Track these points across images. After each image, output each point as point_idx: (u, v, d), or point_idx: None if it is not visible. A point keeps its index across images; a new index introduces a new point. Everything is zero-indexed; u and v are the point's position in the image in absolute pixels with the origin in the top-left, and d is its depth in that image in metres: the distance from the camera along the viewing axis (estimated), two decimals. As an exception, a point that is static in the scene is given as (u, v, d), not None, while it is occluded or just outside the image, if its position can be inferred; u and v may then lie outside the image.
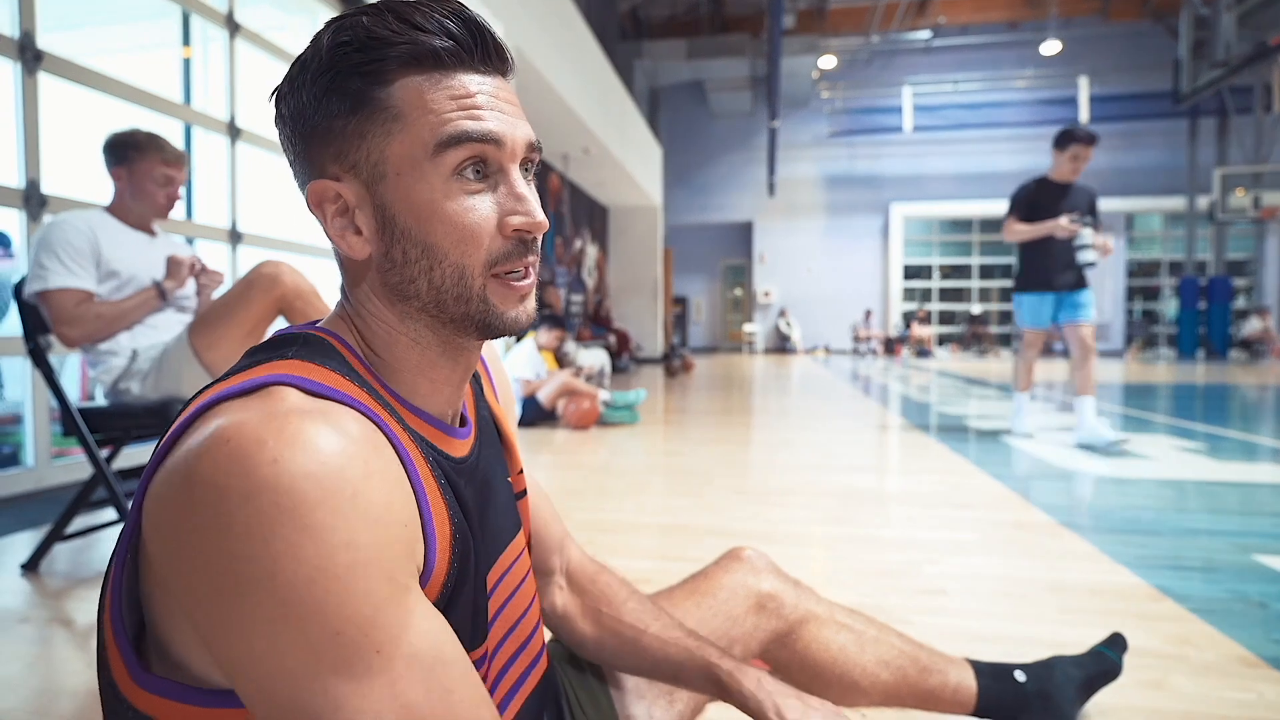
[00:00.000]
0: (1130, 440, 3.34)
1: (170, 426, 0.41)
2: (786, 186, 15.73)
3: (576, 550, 0.75)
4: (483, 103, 0.46)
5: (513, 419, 0.68)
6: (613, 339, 9.17)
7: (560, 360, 5.44)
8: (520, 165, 0.48)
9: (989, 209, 15.49)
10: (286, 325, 1.64)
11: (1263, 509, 2.27)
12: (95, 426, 1.62)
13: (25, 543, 1.92)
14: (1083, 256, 3.34)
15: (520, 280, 0.48)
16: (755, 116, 15.73)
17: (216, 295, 1.89)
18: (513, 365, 4.29)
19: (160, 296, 1.72)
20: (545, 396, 4.15)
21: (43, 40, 2.56)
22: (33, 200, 2.49)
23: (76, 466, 2.70)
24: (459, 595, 0.46)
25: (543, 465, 3.10)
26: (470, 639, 0.50)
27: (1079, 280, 3.43)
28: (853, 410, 5.23)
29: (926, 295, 16.18)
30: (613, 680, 0.76)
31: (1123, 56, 14.21)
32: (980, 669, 0.90)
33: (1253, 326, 12.91)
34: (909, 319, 15.26)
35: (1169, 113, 13.06)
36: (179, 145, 1.82)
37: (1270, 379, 8.11)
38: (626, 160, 9.07)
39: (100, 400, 1.74)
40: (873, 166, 15.90)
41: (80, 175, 2.70)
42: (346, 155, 0.46)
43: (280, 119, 0.47)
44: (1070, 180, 3.43)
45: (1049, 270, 3.44)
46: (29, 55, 2.50)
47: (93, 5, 4.18)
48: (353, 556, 0.36)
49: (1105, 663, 1.00)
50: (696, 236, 16.69)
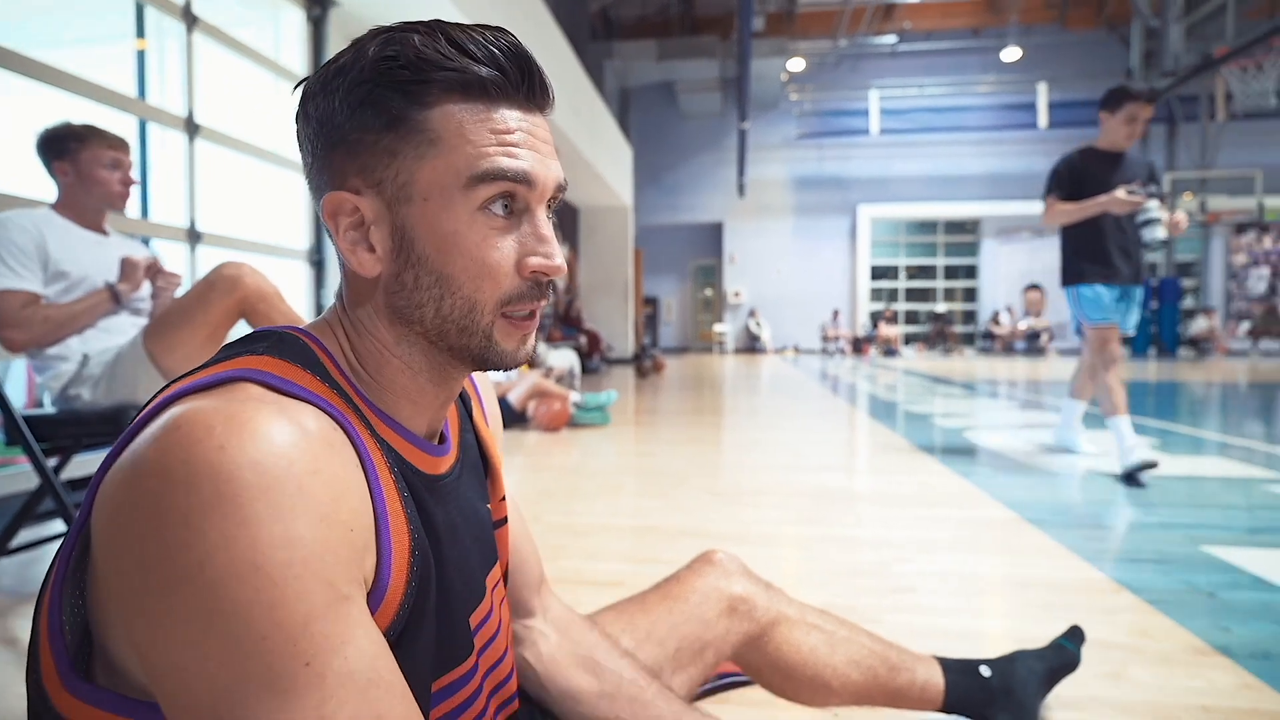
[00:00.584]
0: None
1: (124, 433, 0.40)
2: (756, 187, 15.88)
3: (555, 596, 0.72)
4: (520, 140, 0.45)
5: (500, 445, 0.66)
6: (583, 340, 9.14)
7: (531, 362, 5.40)
8: (545, 205, 0.48)
9: (954, 211, 15.84)
10: (250, 329, 1.60)
11: (1211, 501, 2.36)
12: (42, 435, 1.55)
13: (-31, 556, 1.83)
14: (1150, 234, 2.70)
15: (527, 320, 0.48)
16: (725, 118, 15.84)
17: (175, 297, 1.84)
18: (483, 367, 4.24)
19: (113, 299, 1.65)
20: (516, 398, 4.11)
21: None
22: (-25, 198, 2.39)
23: (20, 476, 2.59)
24: (422, 612, 0.44)
25: (514, 468, 3.07)
26: (449, 656, 0.49)
27: (1137, 273, 2.86)
28: (822, 410, 5.30)
29: (893, 295, 16.47)
30: None
31: (1079, 64, 14.65)
32: (947, 666, 0.92)
33: (1199, 326, 13.45)
34: (876, 319, 15.52)
35: (1123, 119, 13.48)
36: (132, 141, 1.76)
37: (1215, 375, 8.45)
38: (597, 160, 9.05)
39: (48, 407, 1.67)
40: (841, 168, 16.14)
41: (27, 172, 2.59)
42: (373, 171, 0.44)
43: (305, 117, 0.46)
44: (1123, 148, 2.84)
45: (1105, 256, 2.85)
46: (-29, 46, 2.39)
47: (40, -5, 4.02)
48: (290, 554, 0.34)
49: (1065, 655, 1.03)
50: (667, 237, 16.73)
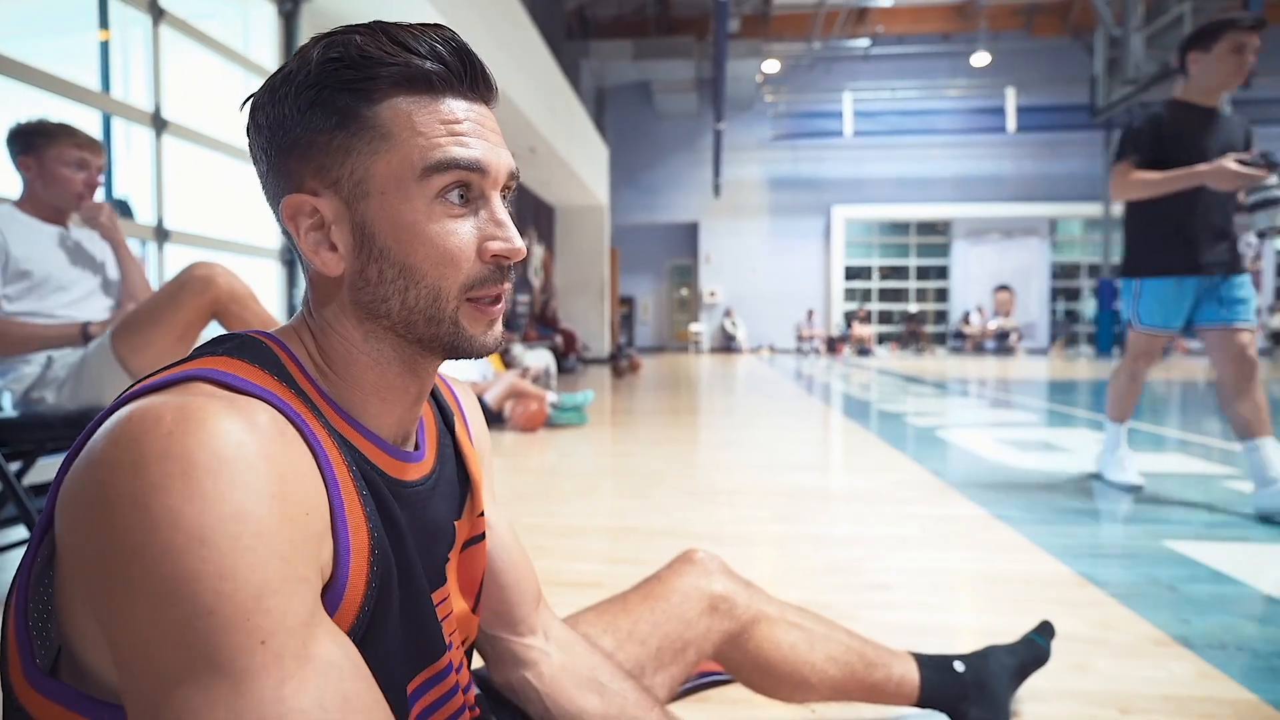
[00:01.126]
0: None
1: None
2: (731, 188, 15.98)
3: (553, 614, 0.70)
4: (470, 130, 0.46)
5: (487, 463, 0.65)
6: (559, 339, 9.11)
7: (507, 362, 5.38)
8: (500, 191, 0.49)
9: (925, 212, 16.11)
10: (222, 331, 1.57)
11: (1171, 497, 2.44)
12: (4, 439, 1.51)
13: (-76, 565, 1.77)
14: (1267, 219, 2.09)
15: (492, 305, 0.48)
16: (701, 118, 15.90)
17: (138, 280, 1.79)
18: (459, 368, 4.21)
19: (83, 340, 1.61)
20: (492, 399, 4.09)
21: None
22: (-71, 193, 2.30)
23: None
24: (386, 611, 0.44)
25: (488, 473, 3.05)
26: (422, 652, 0.49)
27: (1234, 261, 2.26)
28: (798, 409, 5.36)
29: (867, 295, 16.70)
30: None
31: (1046, 70, 15.00)
32: (922, 661, 0.94)
33: (1161, 325, 13.82)
34: (850, 318, 15.72)
35: (1087, 124, 13.86)
36: (96, 134, 1.71)
37: (1175, 375, 8.72)
38: (573, 160, 9.02)
39: (8, 410, 1.62)
40: (815, 169, 16.31)
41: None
42: (328, 171, 0.45)
43: (256, 128, 0.46)
44: (1230, 88, 2.21)
45: (1192, 242, 2.26)
46: (-76, 36, 2.30)
47: (-4, -17, 3.88)
48: (240, 528, 0.33)
49: (1036, 650, 1.06)
50: (643, 236, 16.75)
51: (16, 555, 1.84)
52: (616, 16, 14.05)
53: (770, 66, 14.71)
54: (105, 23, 3.37)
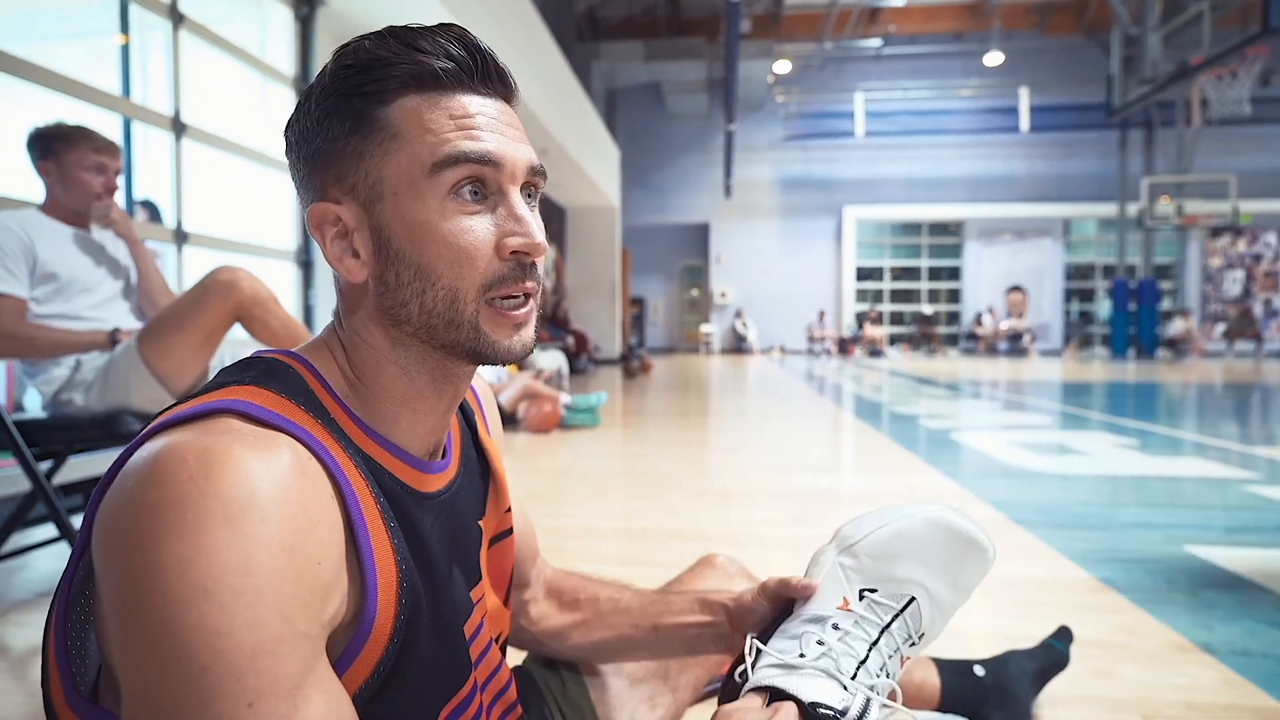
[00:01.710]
0: None
1: (118, 438, 0.40)
2: (742, 188, 15.95)
3: (545, 562, 0.77)
4: (482, 124, 0.45)
5: (502, 448, 0.67)
6: (571, 340, 9.13)
7: (521, 364, 5.40)
8: (522, 189, 0.47)
9: (937, 213, 16.03)
10: (245, 334, 1.59)
11: (1190, 501, 2.42)
12: (34, 439, 1.53)
13: (-47, 562, 1.80)
14: None
15: (517, 308, 0.47)
16: (712, 119, 15.90)
17: (158, 281, 1.82)
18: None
19: (110, 344, 1.63)
20: (506, 400, 4.11)
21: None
22: (-43, 197, 2.35)
23: (4, 480, 2.55)
24: (415, 641, 0.44)
25: (505, 469, 3.07)
26: (451, 680, 0.49)
27: None
28: (809, 410, 5.35)
29: (878, 296, 16.62)
30: (595, 688, 0.77)
31: (1060, 69, 14.89)
32: (943, 666, 0.94)
33: (1177, 327, 13.71)
34: (861, 319, 15.67)
35: (1101, 124, 13.75)
36: (116, 139, 1.74)
37: (1192, 376, 8.63)
38: (584, 161, 9.05)
39: (39, 412, 1.65)
40: (826, 170, 16.26)
41: (12, 169, 2.55)
42: (346, 177, 0.45)
43: (289, 145, 0.47)
44: None
45: None
46: (-48, 43, 2.35)
47: (20, -10, 3.95)
48: (244, 582, 0.33)
49: (1055, 654, 1.06)
50: (654, 237, 16.76)
51: (45, 552, 1.87)
52: (627, 17, 14.08)
53: (781, 67, 14.68)
54: (125, 27, 3.42)
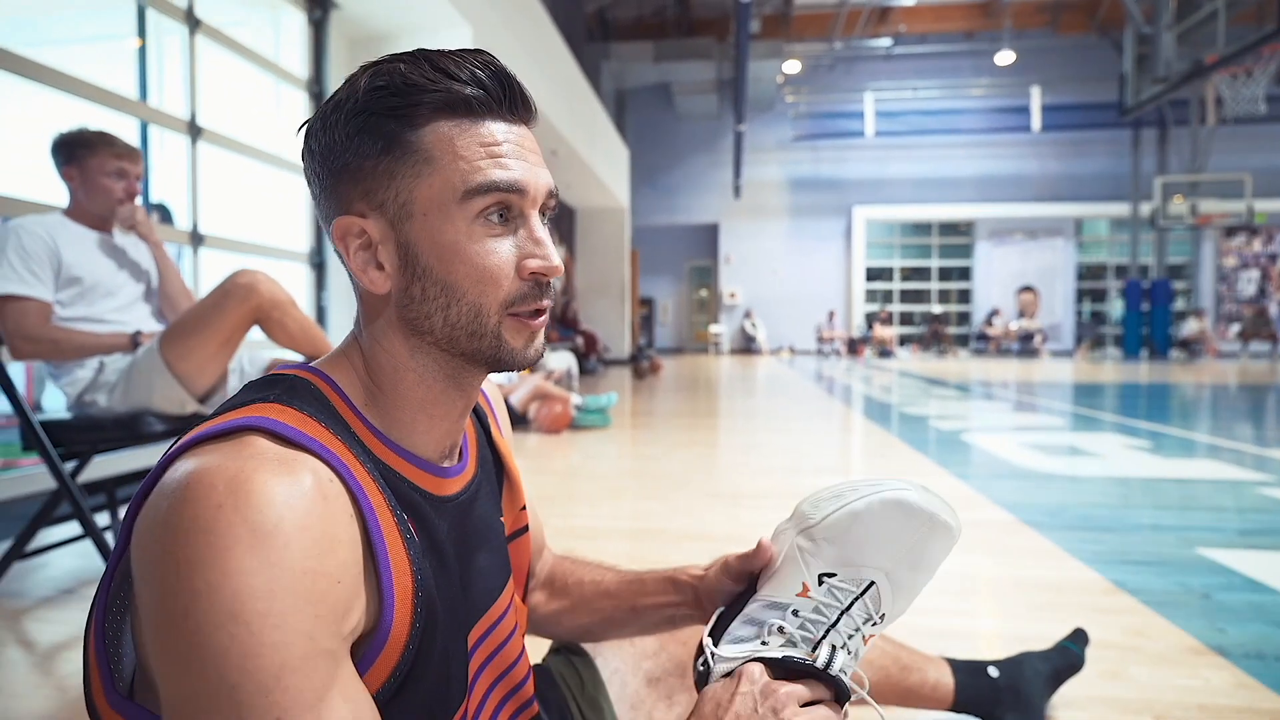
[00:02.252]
0: None
1: (140, 438, 0.42)
2: (752, 189, 15.93)
3: (549, 552, 0.80)
4: (509, 151, 0.48)
5: (512, 445, 0.69)
6: (580, 341, 9.16)
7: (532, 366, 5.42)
8: (539, 211, 0.50)
9: (948, 213, 15.95)
10: (264, 336, 1.61)
11: (1202, 504, 2.40)
12: (59, 440, 1.57)
13: (-21, 559, 1.84)
14: None
15: (533, 318, 0.50)
16: (721, 119, 15.89)
17: (177, 286, 1.85)
18: (483, 369, 4.26)
19: (133, 347, 1.66)
20: (518, 401, 4.13)
21: (-8, 34, 2.45)
22: (-19, 201, 2.39)
23: (24, 480, 2.59)
24: (430, 648, 0.46)
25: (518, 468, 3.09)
26: (449, 694, 0.50)
27: None
28: (819, 411, 5.34)
29: (888, 296, 16.56)
30: (613, 686, 0.79)
31: (1072, 68, 14.78)
32: (957, 666, 0.95)
33: (1190, 327, 13.58)
34: (871, 320, 15.61)
35: (1114, 123, 13.63)
36: (133, 142, 1.77)
37: (1206, 377, 8.55)
38: (594, 162, 9.07)
39: (63, 412, 1.68)
40: (836, 170, 16.21)
41: (32, 173, 2.59)
42: (374, 194, 0.47)
43: (309, 153, 0.49)
44: None
45: None
46: (-23, 50, 2.39)
47: (40, -4, 4.01)
48: (269, 605, 0.36)
49: (1070, 656, 1.06)
50: (663, 238, 16.77)
51: (69, 550, 1.91)
52: (637, 18, 14.09)
53: (791, 67, 14.66)
54: (142, 32, 3.47)
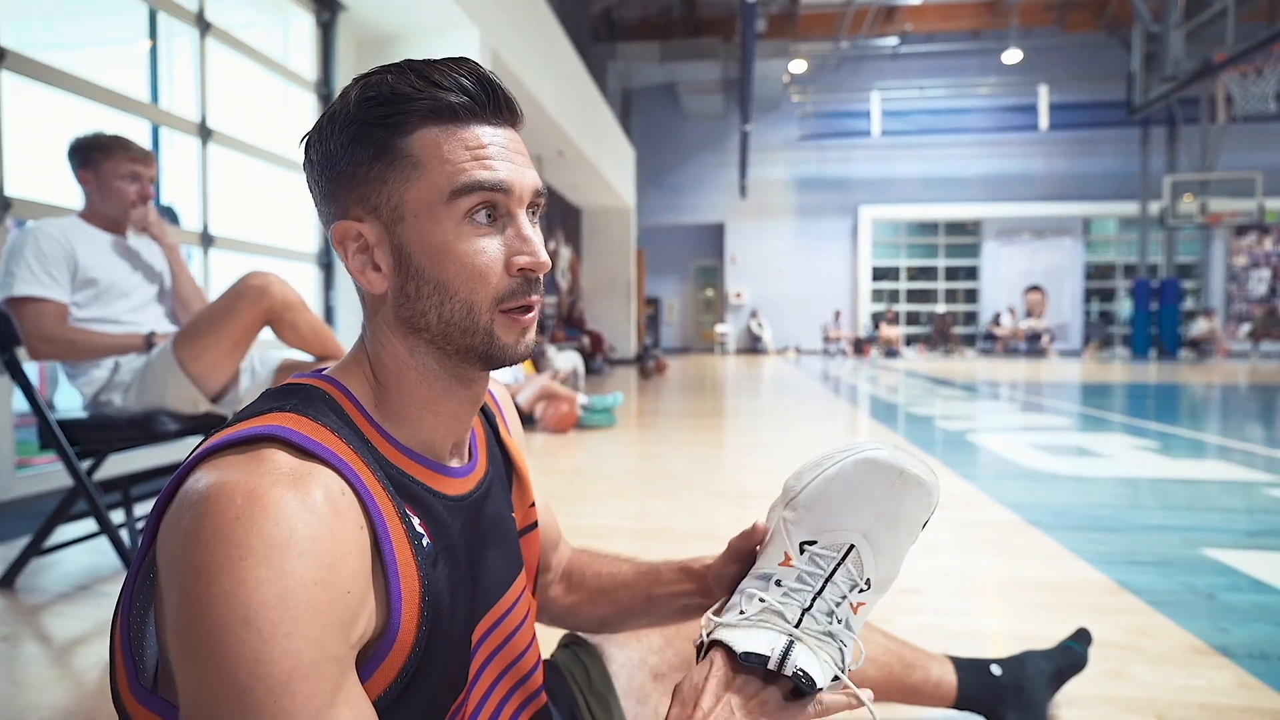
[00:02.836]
0: None
1: (154, 437, 0.43)
2: (758, 188, 15.92)
3: (567, 544, 0.81)
4: (494, 153, 0.50)
5: (523, 446, 0.71)
6: (586, 340, 9.18)
7: (538, 365, 5.45)
8: (526, 209, 0.52)
9: (955, 212, 15.89)
10: (275, 338, 1.64)
11: (1209, 504, 2.40)
12: (75, 439, 1.59)
13: (-3, 556, 1.87)
14: None
15: (524, 314, 0.52)
16: (727, 119, 15.88)
17: (190, 288, 1.88)
18: (495, 371, 4.28)
19: (147, 347, 1.69)
20: (525, 401, 4.16)
21: (3, 36, 2.49)
22: (-3, 203, 2.43)
23: (41, 478, 2.64)
24: (436, 649, 0.48)
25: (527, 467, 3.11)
26: (451, 685, 0.52)
27: None
28: (825, 411, 5.34)
29: (894, 296, 16.51)
30: (620, 680, 0.80)
31: (1080, 66, 14.70)
32: (960, 664, 0.96)
33: (1200, 327, 13.49)
34: (878, 320, 15.57)
35: (1123, 121, 13.56)
36: (146, 145, 1.79)
37: (1216, 378, 8.49)
38: (600, 162, 9.09)
39: (79, 411, 1.71)
40: (842, 169, 16.18)
41: (44, 177, 2.63)
42: (368, 199, 0.50)
43: (309, 163, 0.51)
44: None
45: None
46: (-7, 54, 2.43)
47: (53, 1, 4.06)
48: (281, 614, 0.38)
49: (1073, 656, 1.07)
50: (669, 237, 16.77)
51: (87, 546, 1.94)
52: (643, 18, 14.10)
53: (797, 66, 14.63)
54: (154, 35, 3.51)
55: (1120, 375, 9.02)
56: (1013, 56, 14.26)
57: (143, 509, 2.03)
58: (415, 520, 0.49)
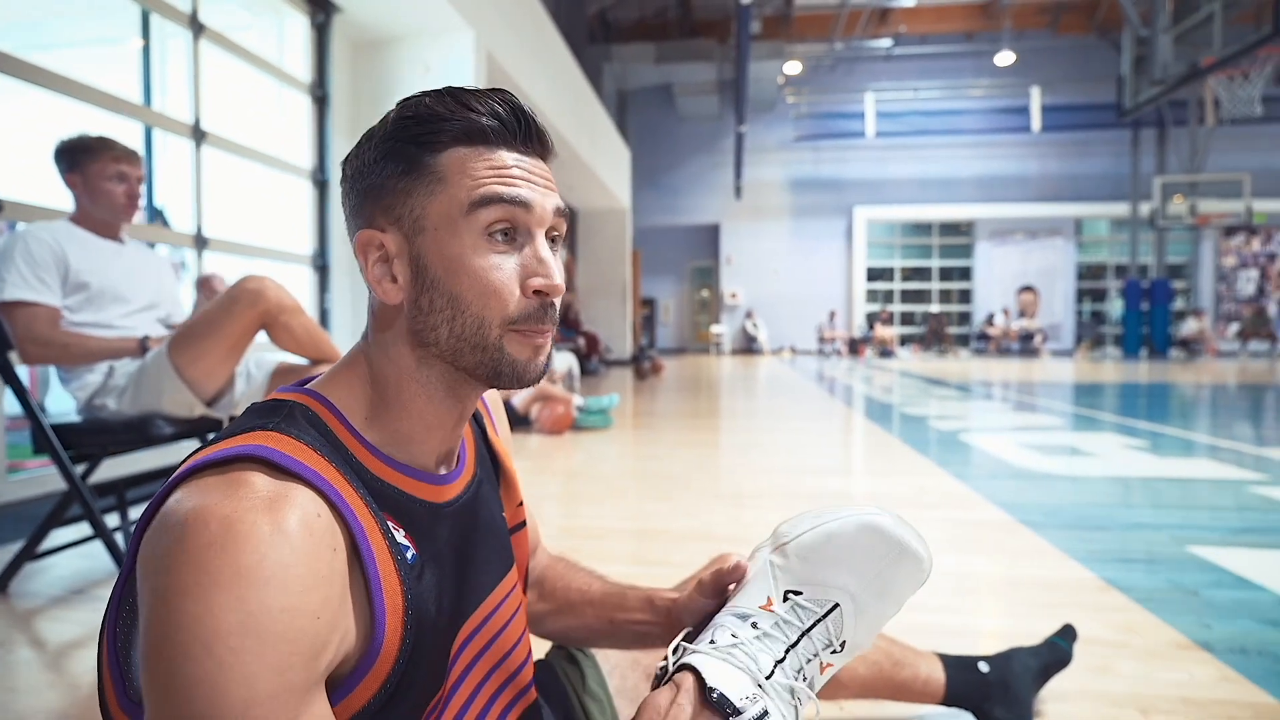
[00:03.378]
0: None
1: (149, 441, 0.43)
2: (753, 189, 15.96)
3: (545, 551, 0.82)
4: (517, 174, 0.51)
5: (510, 447, 0.72)
6: (582, 342, 9.18)
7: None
8: (546, 233, 0.53)
9: (948, 213, 15.96)
10: (269, 342, 1.64)
11: (1197, 503, 2.43)
12: (70, 442, 1.60)
13: (-9, 559, 1.87)
14: None
15: (536, 334, 0.52)
16: (722, 120, 15.91)
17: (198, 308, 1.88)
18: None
19: (141, 352, 1.69)
20: (519, 402, 4.16)
21: None
22: (-10, 206, 2.42)
23: (34, 481, 2.63)
24: (419, 659, 0.48)
25: (518, 470, 3.12)
26: (430, 686, 0.52)
27: None
28: (820, 411, 5.37)
29: (889, 297, 16.58)
30: (613, 680, 0.81)
31: (1071, 69, 14.80)
32: (948, 661, 0.98)
33: (1190, 327, 13.59)
34: (872, 320, 15.63)
35: (1114, 123, 13.66)
36: (137, 147, 1.78)
37: (1205, 377, 8.56)
38: (596, 163, 9.10)
39: (73, 416, 1.72)
40: (837, 170, 16.24)
41: (36, 180, 2.62)
42: (393, 209, 0.51)
43: (345, 178, 0.53)
44: None
45: None
46: (-14, 57, 2.43)
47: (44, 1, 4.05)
48: (241, 643, 0.37)
49: (1058, 652, 1.09)
50: (664, 238, 16.80)
51: (81, 550, 1.94)
52: (638, 20, 14.13)
53: (792, 68, 14.69)
54: (147, 36, 3.50)
55: (1111, 375, 9.08)
56: (1005, 59, 14.35)
57: (138, 513, 2.03)
58: (399, 533, 0.49)
